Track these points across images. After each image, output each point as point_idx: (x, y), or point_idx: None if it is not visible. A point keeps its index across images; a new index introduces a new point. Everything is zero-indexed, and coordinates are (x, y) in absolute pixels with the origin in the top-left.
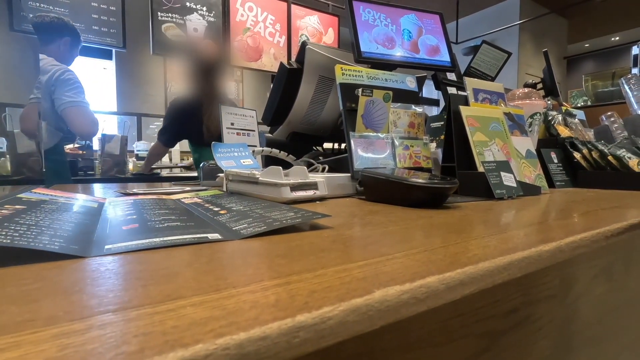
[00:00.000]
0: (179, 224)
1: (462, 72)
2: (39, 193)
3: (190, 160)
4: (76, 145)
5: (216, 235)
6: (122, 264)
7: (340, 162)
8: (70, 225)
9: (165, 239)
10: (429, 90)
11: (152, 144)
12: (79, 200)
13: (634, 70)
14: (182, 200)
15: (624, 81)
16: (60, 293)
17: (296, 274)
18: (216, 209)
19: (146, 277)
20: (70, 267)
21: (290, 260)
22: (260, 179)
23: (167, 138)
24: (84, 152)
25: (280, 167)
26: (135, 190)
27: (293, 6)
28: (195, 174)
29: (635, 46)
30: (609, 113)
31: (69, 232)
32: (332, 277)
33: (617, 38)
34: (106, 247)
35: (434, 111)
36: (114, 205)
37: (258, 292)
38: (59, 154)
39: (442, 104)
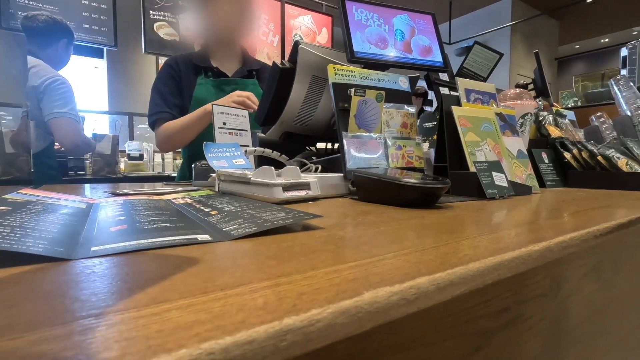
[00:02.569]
0: (169, 225)
1: (455, 72)
2: (26, 194)
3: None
4: None
5: (206, 237)
6: (108, 266)
7: (333, 162)
8: (56, 226)
9: (153, 240)
10: None
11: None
12: (67, 201)
13: (623, 72)
14: (173, 200)
15: (613, 82)
16: (42, 297)
17: (285, 275)
18: (207, 209)
19: (132, 279)
20: (54, 269)
21: (280, 262)
22: (252, 179)
23: None
24: None
25: (273, 167)
26: (125, 191)
27: (287, 6)
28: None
29: (624, 48)
30: (599, 114)
31: (55, 233)
32: (322, 279)
33: (607, 40)
34: (92, 249)
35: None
36: (103, 206)
37: (246, 295)
38: (49, 157)
39: (435, 104)
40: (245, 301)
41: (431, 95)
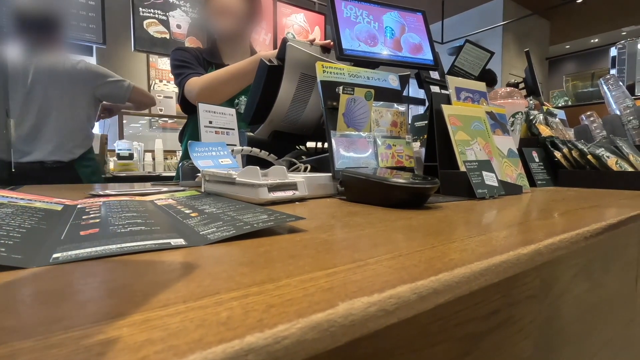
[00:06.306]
0: (143, 228)
1: (447, 71)
2: None
3: (174, 160)
4: None
5: (180, 241)
6: (66, 275)
7: (322, 162)
8: (20, 231)
9: (122, 245)
10: (414, 90)
11: None
12: (42, 203)
13: (613, 71)
14: (156, 201)
15: (602, 82)
16: None
17: (257, 284)
18: (188, 211)
19: (88, 290)
20: (3, 280)
21: (254, 269)
22: (237, 179)
23: None
24: None
25: (258, 167)
26: (107, 192)
27: (279, 4)
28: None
29: (614, 48)
30: (589, 113)
31: (17, 239)
32: (296, 288)
33: (597, 40)
34: (54, 256)
35: (420, 109)
36: (80, 207)
37: (209, 308)
38: (94, 153)
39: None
40: (207, 315)
41: (424, 94)
